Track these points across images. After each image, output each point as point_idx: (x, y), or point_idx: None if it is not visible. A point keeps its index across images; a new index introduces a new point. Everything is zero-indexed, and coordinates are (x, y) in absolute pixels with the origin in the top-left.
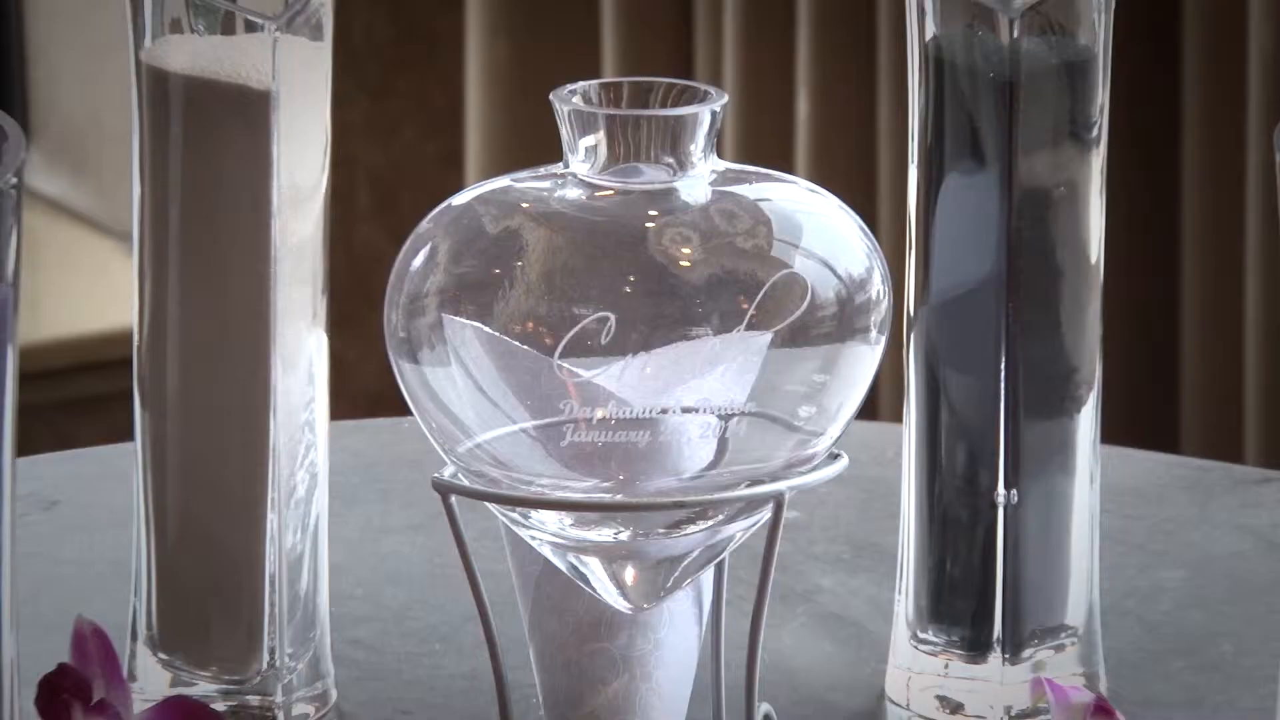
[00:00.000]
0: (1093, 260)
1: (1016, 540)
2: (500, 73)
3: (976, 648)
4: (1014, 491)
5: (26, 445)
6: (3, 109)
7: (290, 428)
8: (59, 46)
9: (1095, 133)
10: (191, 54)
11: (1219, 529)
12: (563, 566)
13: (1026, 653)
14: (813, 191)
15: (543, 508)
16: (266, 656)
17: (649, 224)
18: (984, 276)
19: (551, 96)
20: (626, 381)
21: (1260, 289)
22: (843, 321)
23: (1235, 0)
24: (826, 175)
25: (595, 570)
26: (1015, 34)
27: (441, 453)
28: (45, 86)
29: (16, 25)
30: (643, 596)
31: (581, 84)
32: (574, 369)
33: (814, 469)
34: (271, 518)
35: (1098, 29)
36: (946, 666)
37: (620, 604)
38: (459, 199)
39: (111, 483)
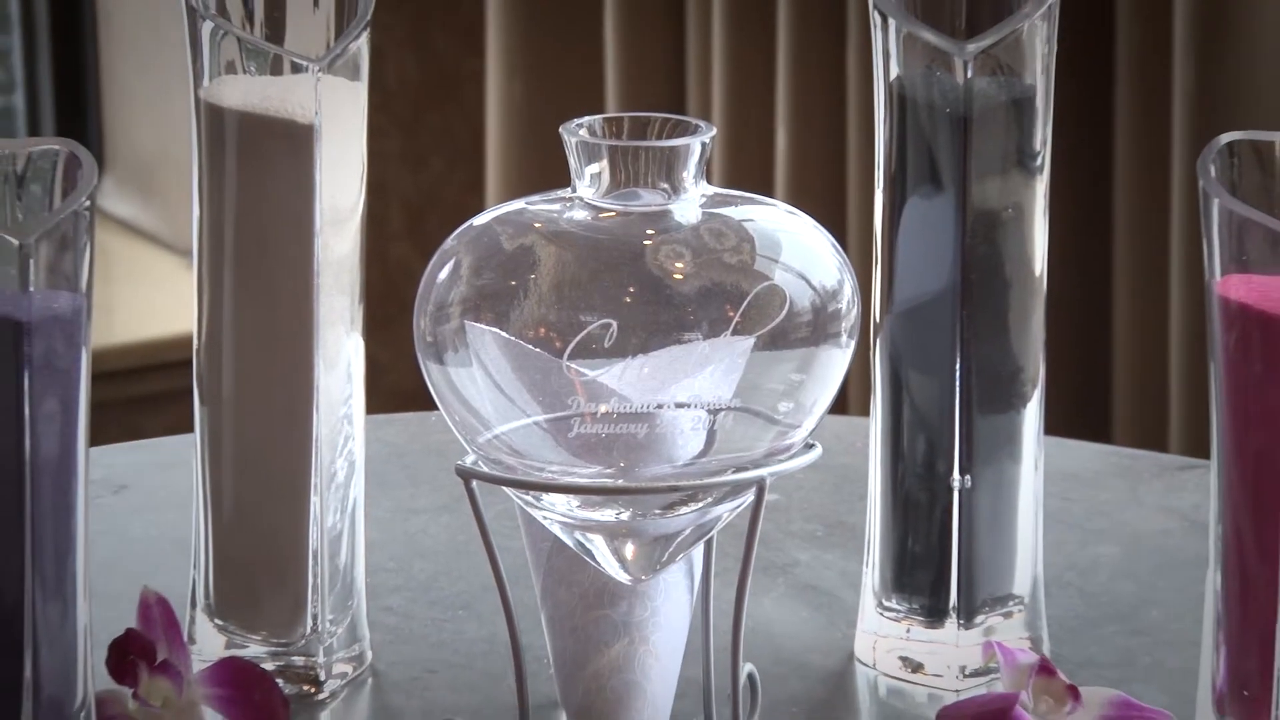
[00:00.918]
0: (1037, 273)
1: (970, 520)
2: (516, 109)
3: (935, 614)
4: (968, 477)
5: (99, 436)
6: (79, 141)
7: (331, 421)
8: (129, 87)
9: (1039, 161)
10: (244, 92)
11: (1148, 510)
12: (570, 543)
13: (979, 619)
14: (791, 213)
15: (553, 491)
16: (310, 622)
17: (646, 242)
18: (941, 288)
19: (561, 129)
20: (627, 380)
21: (1183, 299)
22: (817, 327)
23: (1162, 44)
24: (802, 198)
25: (599, 546)
26: (969, 74)
27: (464, 443)
28: (118, 122)
29: (93, 68)
30: (641, 569)
31: (587, 119)
32: (580, 369)
33: (792, 457)
34: (314, 500)
35: (1041, 70)
36: (908, 631)
37: (621, 576)
38: (479, 220)
39: (174, 469)
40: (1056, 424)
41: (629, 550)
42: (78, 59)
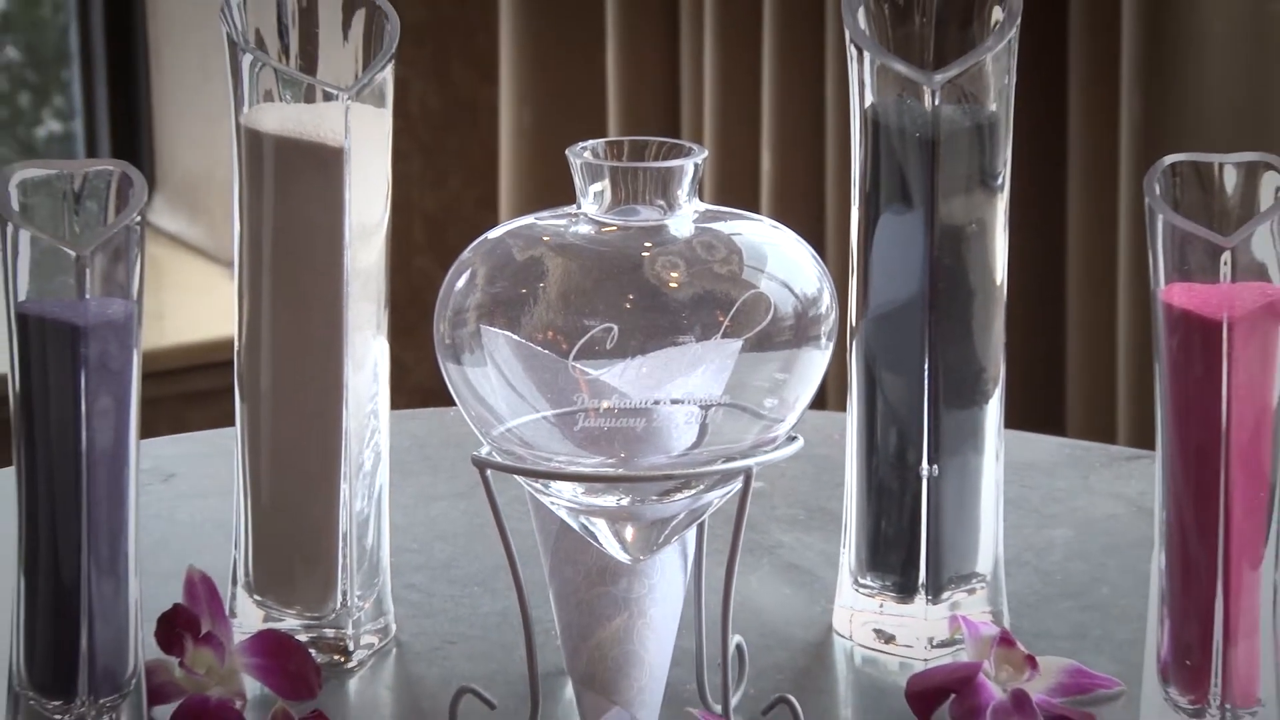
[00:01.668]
0: (998, 282)
1: (937, 505)
2: (526, 134)
3: (905, 591)
4: (935, 466)
5: (149, 429)
6: (132, 163)
7: (359, 416)
8: (178, 114)
9: (1000, 181)
10: (280, 118)
11: (1098, 496)
12: (575, 526)
13: (945, 595)
14: (775, 227)
15: (560, 479)
16: (340, 598)
17: (644, 253)
18: (911, 295)
19: (567, 152)
20: (627, 379)
21: (1130, 305)
22: (799, 331)
23: (1110, 75)
24: (785, 214)
25: (601, 529)
26: (936, 102)
27: (479, 436)
28: (167, 145)
29: (145, 97)
30: (639, 550)
31: (591, 142)
32: (585, 369)
33: (776, 448)
34: (344, 488)
35: (1001, 98)
36: (881, 606)
37: (621, 556)
38: (493, 233)
39: (217, 460)
40: (1015, 418)
41: (628, 532)
42: (131, 89)
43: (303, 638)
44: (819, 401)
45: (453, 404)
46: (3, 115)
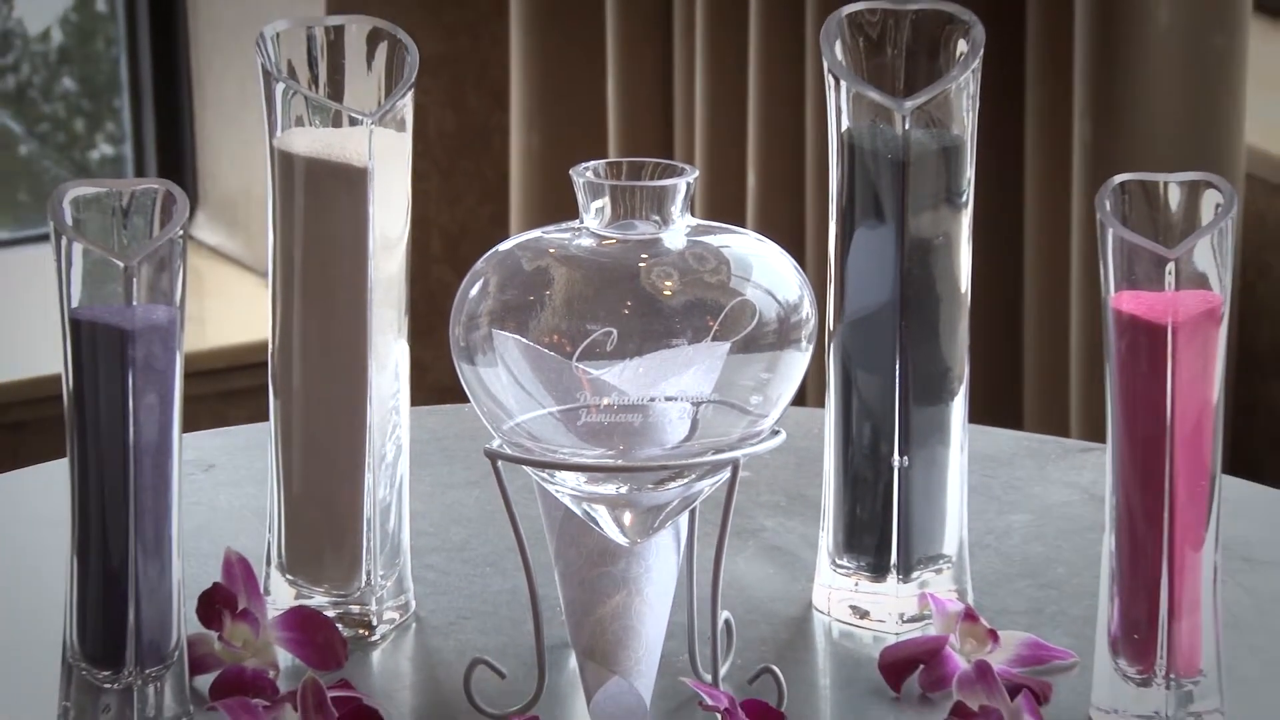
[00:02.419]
0: (962, 290)
1: (907, 493)
2: (534, 156)
3: (878, 570)
4: (905, 458)
5: (191, 424)
6: (176, 182)
7: (382, 411)
8: (218, 138)
9: (965, 198)
10: (310, 141)
11: (1053, 485)
12: (578, 512)
13: (915, 574)
14: (760, 240)
15: (564, 469)
16: (364, 577)
17: (641, 264)
18: (884, 302)
19: (571, 172)
20: (625, 378)
21: (1082, 311)
22: (781, 334)
23: (1063, 101)
24: (769, 228)
25: (602, 515)
26: (906, 126)
27: (491, 430)
28: (209, 166)
29: (189, 122)
30: (637, 534)
31: (592, 162)
32: (587, 369)
33: (761, 442)
34: (368, 477)
35: (966, 123)
36: (857, 584)
37: (620, 539)
38: (504, 246)
39: (253, 451)
40: (978, 414)
41: (627, 518)
42: (176, 115)
43: (330, 613)
44: (800, 399)
45: (467, 401)
46: (59, 140)
